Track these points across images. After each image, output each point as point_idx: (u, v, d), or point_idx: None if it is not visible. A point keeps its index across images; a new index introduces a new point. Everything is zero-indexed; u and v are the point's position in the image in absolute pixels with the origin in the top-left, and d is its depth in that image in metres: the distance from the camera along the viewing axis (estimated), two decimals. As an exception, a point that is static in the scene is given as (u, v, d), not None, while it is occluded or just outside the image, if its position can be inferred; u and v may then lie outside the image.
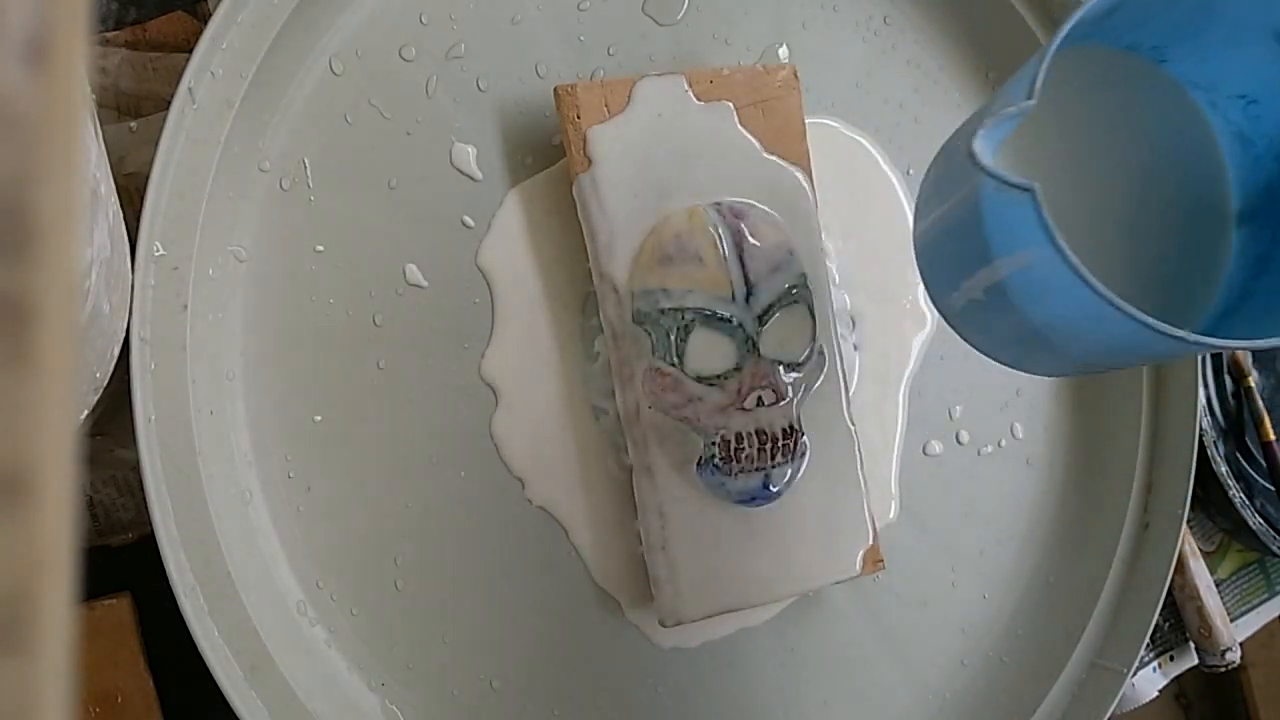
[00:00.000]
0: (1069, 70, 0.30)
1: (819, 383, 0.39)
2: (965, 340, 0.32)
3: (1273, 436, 0.51)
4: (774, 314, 0.37)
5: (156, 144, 0.33)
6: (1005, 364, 0.32)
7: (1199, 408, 0.45)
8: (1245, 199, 0.32)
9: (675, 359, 0.36)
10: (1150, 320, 0.25)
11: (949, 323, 0.32)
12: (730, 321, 0.36)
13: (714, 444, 0.36)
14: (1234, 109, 0.32)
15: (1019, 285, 0.27)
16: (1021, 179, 0.25)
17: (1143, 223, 0.33)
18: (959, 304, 0.30)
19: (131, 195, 0.37)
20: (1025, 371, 0.32)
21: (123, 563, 0.38)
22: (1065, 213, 0.29)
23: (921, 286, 0.44)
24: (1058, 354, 0.28)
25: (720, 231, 0.37)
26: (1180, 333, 0.25)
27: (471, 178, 0.38)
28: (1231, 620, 0.52)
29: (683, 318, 0.36)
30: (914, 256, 0.32)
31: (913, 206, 0.44)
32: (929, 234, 0.31)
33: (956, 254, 0.29)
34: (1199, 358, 0.45)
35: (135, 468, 0.34)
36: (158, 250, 0.34)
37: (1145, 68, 0.32)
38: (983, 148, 0.25)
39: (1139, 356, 0.28)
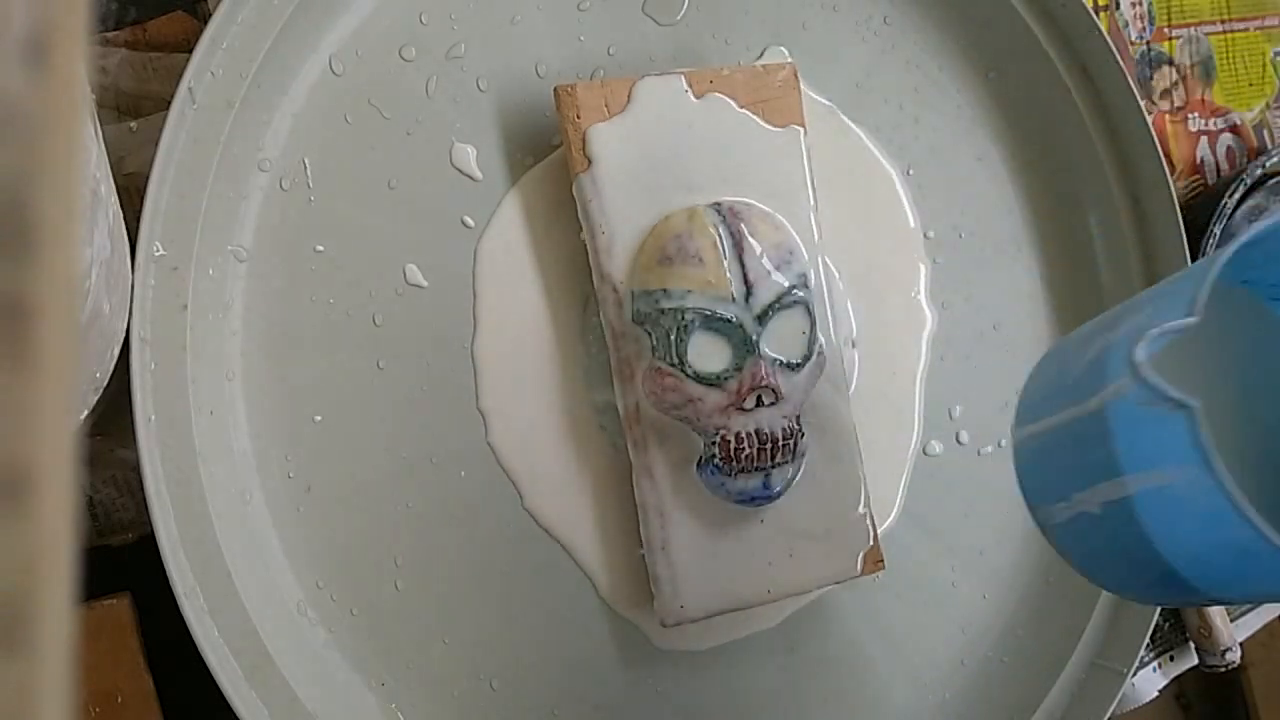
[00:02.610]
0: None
1: (819, 383, 0.39)
2: (1060, 552, 0.30)
3: (1273, 437, 0.51)
4: (774, 314, 0.37)
5: (156, 144, 0.33)
6: (1102, 585, 0.30)
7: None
8: None
9: (675, 359, 0.36)
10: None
11: (1044, 532, 0.30)
12: (730, 321, 0.36)
13: (714, 444, 0.36)
14: None
15: (1150, 505, 0.25)
16: (1181, 394, 0.24)
17: None
18: (1064, 516, 0.28)
19: (131, 195, 0.37)
20: (1125, 596, 0.29)
21: (123, 563, 0.38)
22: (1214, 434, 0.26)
23: (923, 284, 0.44)
24: (1177, 583, 0.26)
25: (720, 231, 0.37)
26: None
27: (471, 178, 0.38)
28: (1231, 620, 0.52)
29: (683, 318, 0.36)
30: (1013, 462, 0.30)
31: (914, 206, 0.44)
32: (1036, 440, 0.29)
33: (1072, 465, 0.27)
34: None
35: (135, 468, 0.34)
36: (158, 250, 0.34)
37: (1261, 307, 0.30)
38: (1144, 358, 0.24)
39: None
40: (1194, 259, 0.46)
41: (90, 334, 0.28)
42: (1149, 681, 0.50)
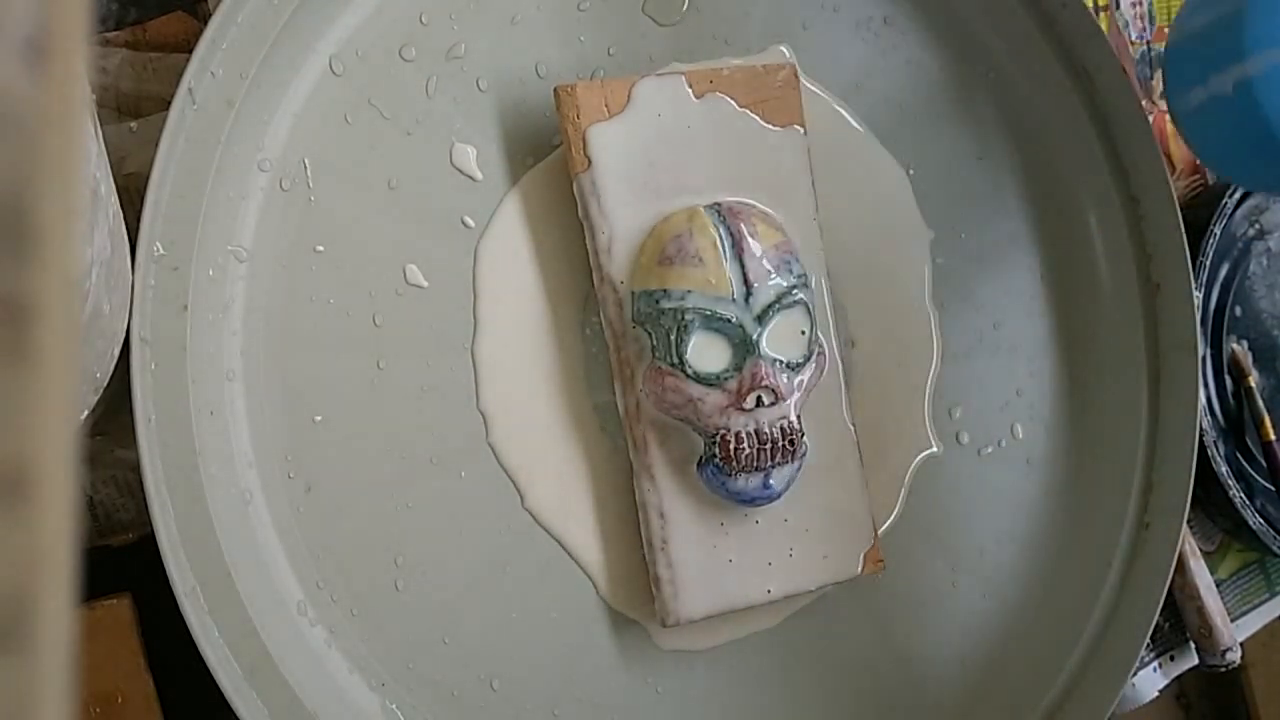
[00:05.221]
0: None
1: (819, 383, 0.39)
2: (1190, 144, 0.34)
3: (1273, 436, 0.51)
4: (774, 314, 0.37)
5: (156, 144, 0.33)
6: (1226, 175, 0.34)
7: (1199, 408, 0.45)
8: None
9: (675, 359, 0.36)
10: None
11: (1180, 124, 0.34)
12: (730, 322, 0.36)
13: (714, 444, 0.36)
14: None
15: (1269, 83, 0.29)
16: None
17: None
18: (1196, 102, 0.32)
19: (131, 195, 0.37)
20: (1245, 186, 0.34)
21: (123, 563, 0.38)
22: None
23: (923, 284, 0.44)
24: None
25: (720, 232, 0.37)
26: None
27: (471, 178, 0.38)
28: (1232, 620, 0.52)
29: (682, 318, 0.36)
30: (1165, 54, 0.34)
31: (914, 206, 0.44)
32: (1183, 31, 0.33)
33: (1208, 50, 0.31)
34: (1200, 357, 0.45)
35: (135, 468, 0.34)
36: (158, 250, 0.34)
37: None
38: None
39: None
40: (1194, 259, 0.46)
41: (90, 334, 0.28)
42: (1149, 681, 0.50)
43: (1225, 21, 0.30)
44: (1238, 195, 0.49)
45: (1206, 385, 0.51)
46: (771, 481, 0.37)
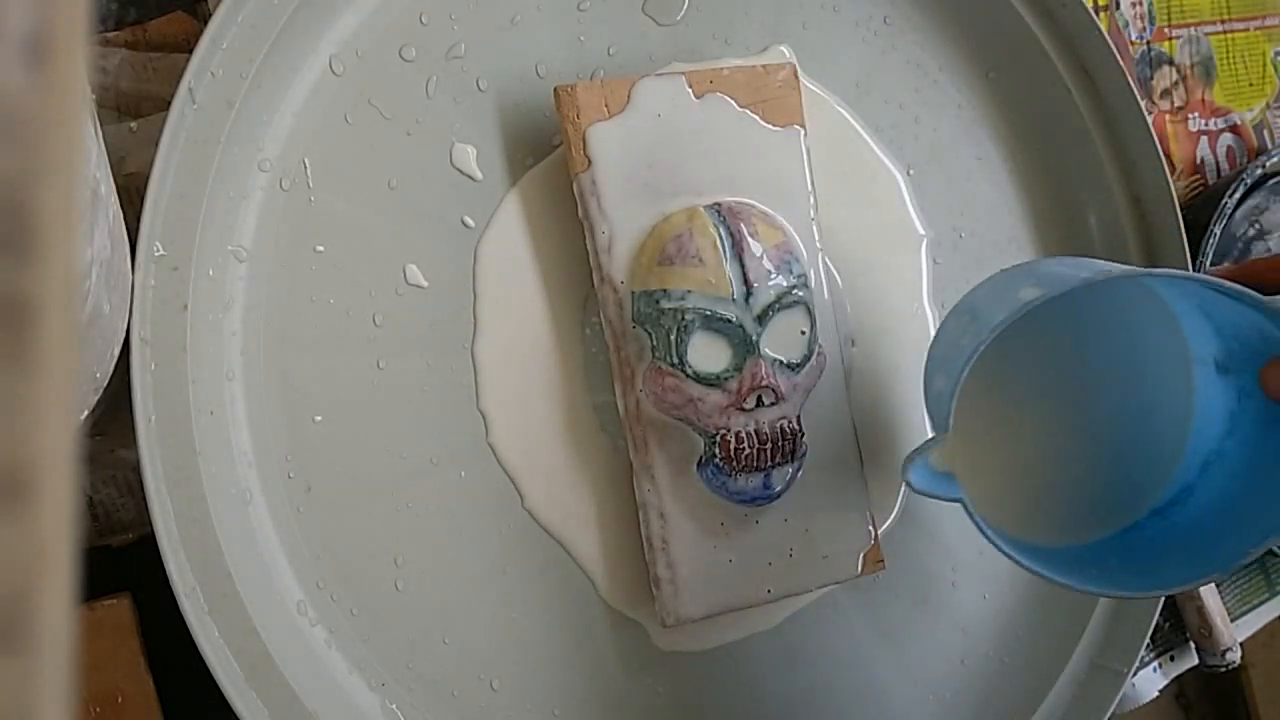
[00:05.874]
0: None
1: (819, 383, 0.39)
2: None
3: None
4: (774, 314, 0.37)
5: (156, 144, 0.33)
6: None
7: (1199, 408, 0.45)
8: (1223, 351, 0.37)
9: (675, 359, 0.36)
10: (1042, 571, 0.34)
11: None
12: (730, 322, 0.36)
13: (714, 444, 0.36)
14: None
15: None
16: (951, 493, 0.32)
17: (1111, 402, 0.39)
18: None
19: (131, 195, 0.37)
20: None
21: (123, 563, 0.38)
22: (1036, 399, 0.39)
23: (923, 284, 0.44)
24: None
25: (720, 232, 0.37)
26: (1064, 580, 0.34)
27: (471, 178, 0.38)
28: (1232, 620, 0.52)
29: (683, 318, 0.36)
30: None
31: (914, 206, 0.44)
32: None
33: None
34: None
35: (135, 468, 0.34)
36: (158, 250, 0.34)
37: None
38: (914, 475, 0.32)
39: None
40: (1194, 259, 0.46)
41: (90, 334, 0.28)
42: (1149, 681, 0.50)
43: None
44: (1238, 195, 0.49)
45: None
46: (771, 481, 0.37)
